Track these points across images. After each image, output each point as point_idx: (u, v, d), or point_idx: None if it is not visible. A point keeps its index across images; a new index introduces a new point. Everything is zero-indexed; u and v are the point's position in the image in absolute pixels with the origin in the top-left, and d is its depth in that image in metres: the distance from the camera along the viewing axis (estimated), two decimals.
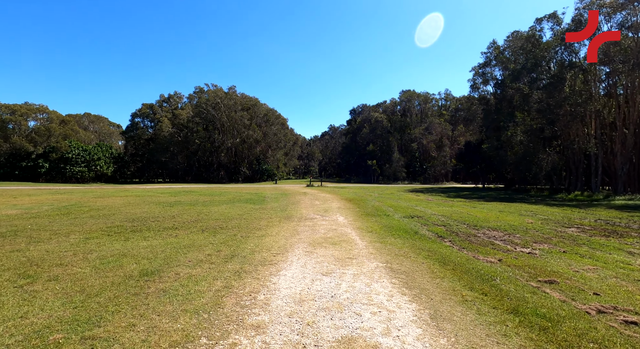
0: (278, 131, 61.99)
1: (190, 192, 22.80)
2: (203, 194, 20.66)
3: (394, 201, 18.07)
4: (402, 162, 52.30)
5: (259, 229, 8.70)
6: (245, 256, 5.69)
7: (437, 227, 9.46)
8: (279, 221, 10.08)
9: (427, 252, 6.28)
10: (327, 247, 6.48)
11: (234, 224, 9.37)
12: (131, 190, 24.98)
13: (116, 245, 6.50)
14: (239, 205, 14.82)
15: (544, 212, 13.70)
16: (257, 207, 14.18)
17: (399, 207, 14.57)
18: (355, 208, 14.27)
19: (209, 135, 54.38)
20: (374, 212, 12.62)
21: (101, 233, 7.83)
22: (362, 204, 15.88)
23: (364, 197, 20.70)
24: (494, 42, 35.96)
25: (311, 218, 10.88)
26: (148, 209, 12.89)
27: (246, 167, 57.92)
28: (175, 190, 25.30)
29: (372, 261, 5.48)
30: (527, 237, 8.27)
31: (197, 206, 13.93)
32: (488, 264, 5.53)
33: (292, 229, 8.69)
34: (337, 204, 15.87)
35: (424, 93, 59.08)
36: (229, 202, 15.92)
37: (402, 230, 8.74)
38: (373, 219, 10.96)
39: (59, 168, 49.78)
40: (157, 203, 15.02)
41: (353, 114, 73.29)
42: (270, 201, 16.97)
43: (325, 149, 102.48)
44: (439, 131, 53.24)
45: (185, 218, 10.49)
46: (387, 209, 13.91)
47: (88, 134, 66.53)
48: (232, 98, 55.44)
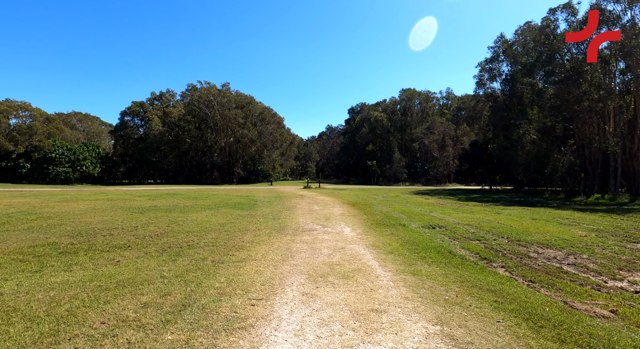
0: (274, 130, 59.72)
1: (174, 195, 20.48)
2: (187, 197, 18.36)
3: (403, 206, 15.93)
4: (403, 163, 50.23)
5: (240, 248, 6.48)
6: (204, 308, 3.48)
7: (472, 244, 7.32)
8: (268, 235, 7.86)
9: (489, 293, 4.10)
10: (335, 286, 4.29)
11: (208, 240, 7.14)
12: (109, 192, 22.59)
13: (8, 285, 4.24)
14: (224, 211, 12.57)
15: (584, 220, 11.63)
16: (245, 213, 11.94)
17: (413, 214, 12.43)
18: (361, 215, 12.10)
19: (201, 134, 51.95)
20: (386, 221, 10.46)
21: (13, 257, 5.57)
22: (368, 210, 13.72)
23: (368, 200, 18.56)
24: (501, 36, 34.12)
25: (310, 230, 8.69)
26: (111, 216, 10.61)
27: (240, 167, 55.56)
28: (158, 192, 22.96)
29: (413, 319, 3.30)
30: (601, 259, 6.15)
31: (173, 213, 11.66)
32: (604, 324, 3.38)
33: (285, 248, 6.49)
34: (340, 210, 13.69)
35: (425, 91, 57.22)
36: (213, 208, 13.66)
37: (431, 249, 6.57)
38: (387, 230, 8.79)
39: (41, 169, 47.02)
40: (126, 209, 12.72)
41: (351, 113, 71.20)
42: (262, 206, 14.74)
43: (323, 149, 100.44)
44: (441, 130, 51.27)
45: (149, 231, 8.24)
46: (400, 216, 11.75)
47: (76, 133, 63.69)
48: (226, 95, 53.11)
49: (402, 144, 55.13)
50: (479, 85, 37.50)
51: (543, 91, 25.04)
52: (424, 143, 51.93)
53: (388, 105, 60.36)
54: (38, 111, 52.61)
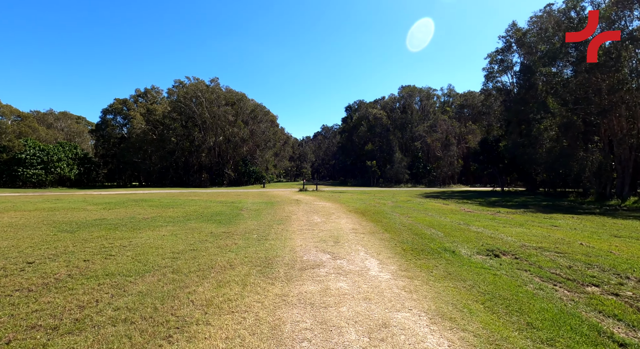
0: (267, 129, 56.27)
1: (142, 201, 16.97)
2: (155, 205, 14.88)
3: (424, 214, 12.77)
4: (405, 163, 47.17)
5: (182, 328, 3.18)
6: None
7: (605, 301, 4.13)
8: (243, 283, 4.57)
9: None
10: None
11: (128, 302, 3.82)
12: (64, 199, 18.92)
13: None
14: (193, 227, 9.22)
15: None
16: (221, 231, 8.61)
17: (447, 228, 9.25)
18: (380, 231, 8.87)
19: (188, 133, 48.21)
20: (421, 243, 7.25)
21: None
22: (385, 221, 10.51)
23: (378, 207, 15.37)
24: (513, 24, 31.39)
25: (314, 266, 5.43)
26: (18, 240, 7.19)
27: (231, 169, 51.95)
28: (123, 198, 19.41)
29: None
30: None
31: (117, 232, 8.27)
32: None
33: (270, 327, 3.22)
34: (348, 222, 10.44)
35: (425, 88, 54.36)
36: (180, 221, 10.28)
37: (560, 325, 3.36)
38: (435, 264, 5.58)
39: (10, 171, 42.77)
40: (58, 225, 9.27)
41: (349, 111, 68.02)
42: (247, 218, 11.41)
43: (318, 149, 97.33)
44: (445, 128, 48.35)
45: (43, 273, 4.88)
46: (433, 233, 8.55)
47: (53, 133, 59.21)
48: (215, 91, 49.50)
49: (403, 143, 52.16)
50: (488, 78, 34.72)
51: (569, 81, 22.20)
52: (426, 142, 48.98)
53: (387, 102, 57.37)
54: (8, 108, 48.30)
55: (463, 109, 54.23)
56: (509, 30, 31.63)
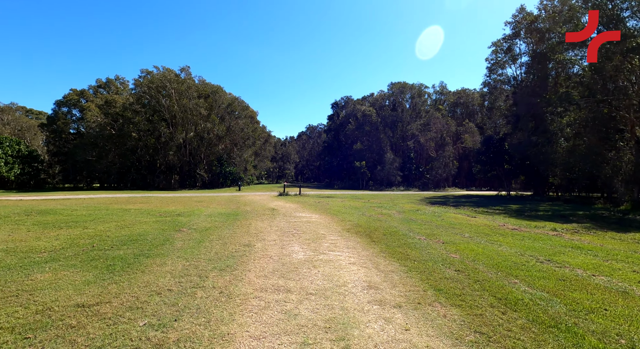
0: (246, 126, 50.98)
1: (37, 213, 11.67)
2: (43, 223, 9.67)
3: (460, 237, 8.38)
4: (397, 164, 43.31)
5: None
6: None
7: None
8: None
9: None
10: None
11: None
12: None
13: None
14: (58, 277, 4.30)
15: None
16: (97, 291, 3.75)
17: (531, 274, 4.84)
18: (420, 289, 4.29)
19: (153, 127, 42.23)
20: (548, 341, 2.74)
21: None
22: (413, 255, 6.00)
23: (384, 222, 10.90)
24: (522, 9, 28.12)
25: None
26: None
27: (204, 169, 46.29)
28: (19, 209, 13.97)
29: None
30: None
31: None
32: None
33: None
34: (353, 260, 5.83)
35: (417, 84, 50.94)
36: (50, 260, 5.30)
37: None
38: None
39: None
40: None
41: (335, 107, 63.73)
42: (172, 251, 6.56)
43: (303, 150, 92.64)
44: (439, 127, 44.98)
45: None
46: (524, 291, 4.08)
47: None
48: (186, 82, 43.84)
49: (394, 143, 48.39)
50: (491, 71, 31.35)
51: (600, 68, 18.77)
52: (419, 142, 45.41)
53: (376, 99, 53.55)
54: None
55: (456, 107, 51.25)
56: (517, 16, 28.34)
